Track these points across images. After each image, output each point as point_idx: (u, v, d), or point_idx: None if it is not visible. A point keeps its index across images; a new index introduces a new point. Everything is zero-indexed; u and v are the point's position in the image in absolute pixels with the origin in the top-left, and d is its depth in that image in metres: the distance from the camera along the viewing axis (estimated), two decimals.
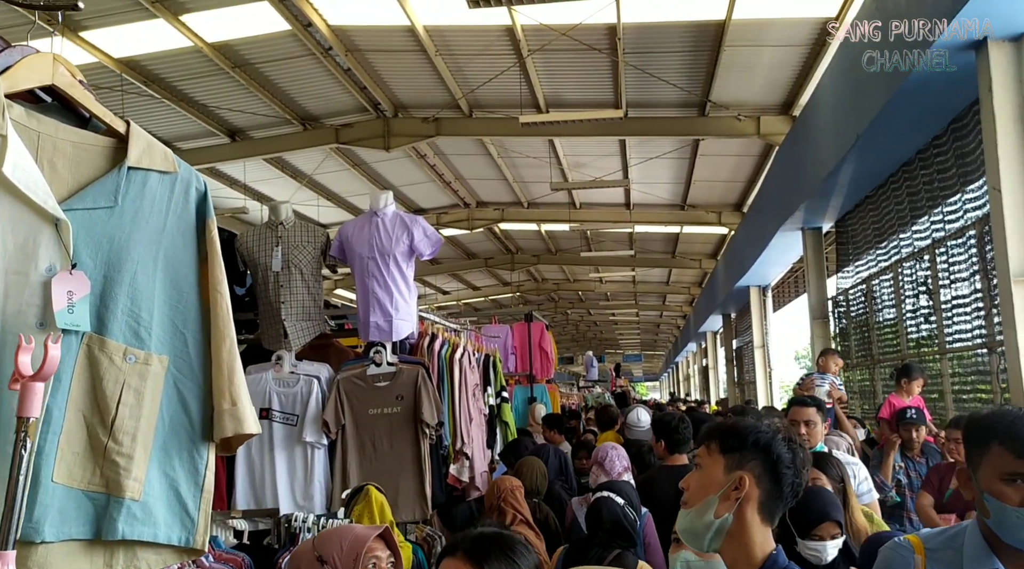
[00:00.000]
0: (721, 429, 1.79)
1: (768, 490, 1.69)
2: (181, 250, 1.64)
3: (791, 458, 1.71)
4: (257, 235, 4.46)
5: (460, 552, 1.64)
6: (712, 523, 1.68)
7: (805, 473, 1.74)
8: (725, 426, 1.79)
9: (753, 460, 1.70)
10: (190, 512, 1.60)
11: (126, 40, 8.87)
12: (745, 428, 1.76)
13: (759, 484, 1.69)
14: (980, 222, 5.64)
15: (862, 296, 8.91)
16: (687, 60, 9.34)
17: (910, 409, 5.21)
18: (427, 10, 8.51)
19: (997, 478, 1.72)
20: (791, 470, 1.71)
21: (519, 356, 9.24)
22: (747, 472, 1.69)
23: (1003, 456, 1.72)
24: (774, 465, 1.70)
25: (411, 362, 4.44)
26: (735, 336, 18.62)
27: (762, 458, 1.70)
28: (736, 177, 13.61)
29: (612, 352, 44.24)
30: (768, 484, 1.69)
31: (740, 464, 1.71)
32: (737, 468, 1.70)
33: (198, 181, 1.70)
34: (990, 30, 4.60)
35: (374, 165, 13.69)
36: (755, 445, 1.71)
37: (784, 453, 1.71)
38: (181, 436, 1.61)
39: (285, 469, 4.24)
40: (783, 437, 1.74)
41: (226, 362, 1.63)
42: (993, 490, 1.72)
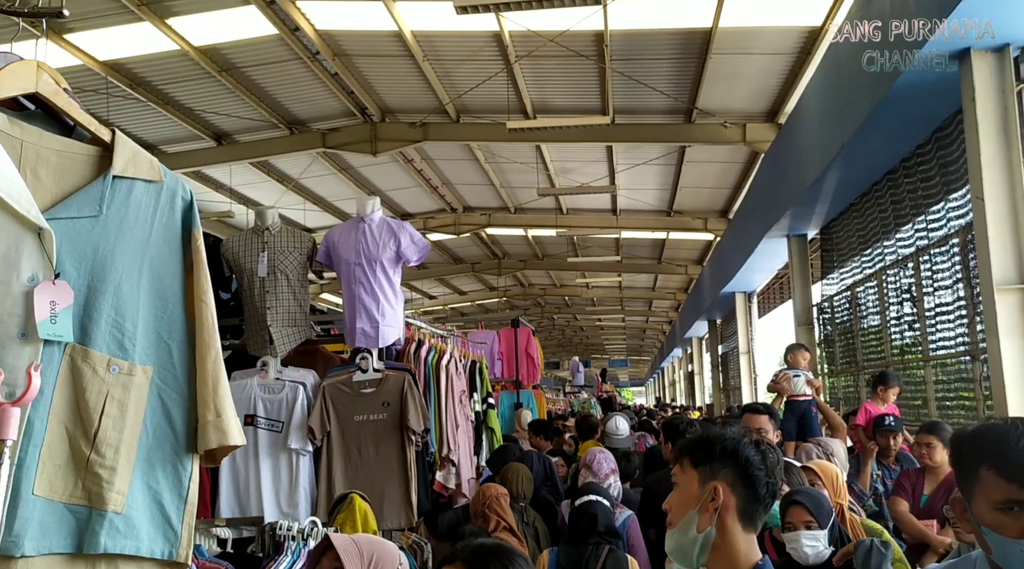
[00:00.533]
0: (690, 444, 1.81)
1: (744, 495, 1.70)
2: (166, 260, 1.63)
3: (760, 459, 1.73)
4: (243, 240, 4.43)
5: (459, 561, 1.64)
6: (696, 538, 1.68)
7: (778, 472, 1.76)
8: (693, 440, 1.81)
9: (724, 468, 1.72)
10: (173, 525, 1.58)
11: (111, 43, 8.82)
12: (711, 438, 1.77)
13: (734, 491, 1.70)
14: (963, 230, 5.69)
15: (847, 303, 8.97)
16: (674, 67, 9.38)
17: (888, 416, 5.18)
18: (415, 15, 8.51)
19: (991, 507, 1.53)
20: (763, 471, 1.72)
21: (505, 362, 9.23)
22: (720, 481, 1.71)
23: (994, 482, 1.52)
24: (745, 469, 1.71)
25: (397, 368, 4.42)
26: (721, 342, 18.69)
27: (732, 465, 1.72)
28: (722, 184, 13.68)
29: (598, 357, 44.30)
30: (743, 489, 1.70)
31: (712, 475, 1.72)
32: (710, 479, 1.72)
33: (184, 190, 1.68)
34: (973, 41, 4.65)
35: (361, 169, 13.66)
36: (723, 453, 1.73)
37: (753, 455, 1.73)
38: (165, 448, 1.59)
39: (270, 476, 4.21)
40: (749, 440, 1.76)
41: (211, 373, 1.61)
42: (989, 521, 1.53)
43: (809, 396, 6.00)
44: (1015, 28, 4.54)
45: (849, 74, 6.35)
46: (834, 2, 7.44)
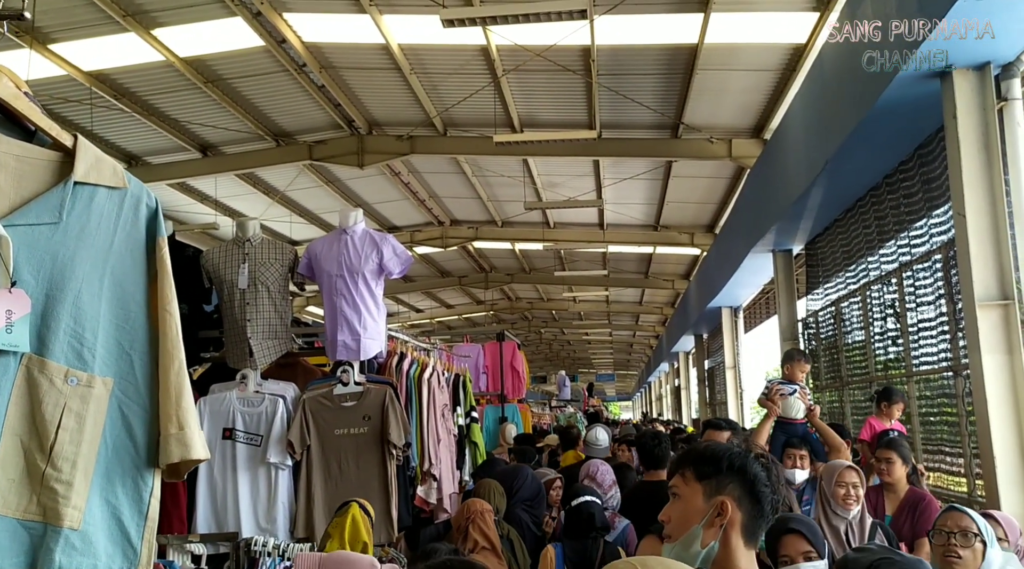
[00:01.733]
0: (694, 456, 1.76)
1: (749, 511, 1.67)
2: (129, 268, 1.59)
3: (767, 476, 1.71)
4: (223, 252, 4.40)
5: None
6: (699, 553, 1.65)
7: (781, 489, 1.73)
8: (698, 452, 1.77)
9: (731, 483, 1.69)
10: (133, 542, 1.53)
11: (96, 53, 8.78)
12: (718, 452, 1.74)
13: (740, 507, 1.67)
14: (946, 247, 5.72)
15: (831, 318, 8.99)
16: (660, 83, 9.43)
17: (891, 431, 5.10)
18: (402, 29, 8.52)
19: None
20: (768, 488, 1.70)
21: (491, 375, 9.19)
22: (727, 496, 1.67)
23: None
24: (752, 485, 1.68)
25: (379, 382, 4.39)
26: (707, 356, 18.71)
27: (739, 480, 1.69)
28: (708, 199, 13.73)
29: (585, 371, 44.26)
30: (748, 505, 1.68)
31: (719, 489, 1.69)
32: (716, 493, 1.68)
33: (149, 197, 1.65)
34: (954, 59, 4.68)
35: (348, 182, 13.64)
36: (731, 468, 1.70)
37: (760, 472, 1.70)
38: (125, 462, 1.54)
39: (248, 491, 4.16)
40: (755, 455, 1.74)
41: (174, 385, 1.57)
42: None
43: (802, 421, 5.22)
44: (996, 47, 4.57)
45: (833, 91, 6.39)
46: (818, 19, 7.50)
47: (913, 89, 5.07)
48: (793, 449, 4.51)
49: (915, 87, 5.04)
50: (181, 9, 8.04)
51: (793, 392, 5.16)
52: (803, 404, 5.16)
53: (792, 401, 5.13)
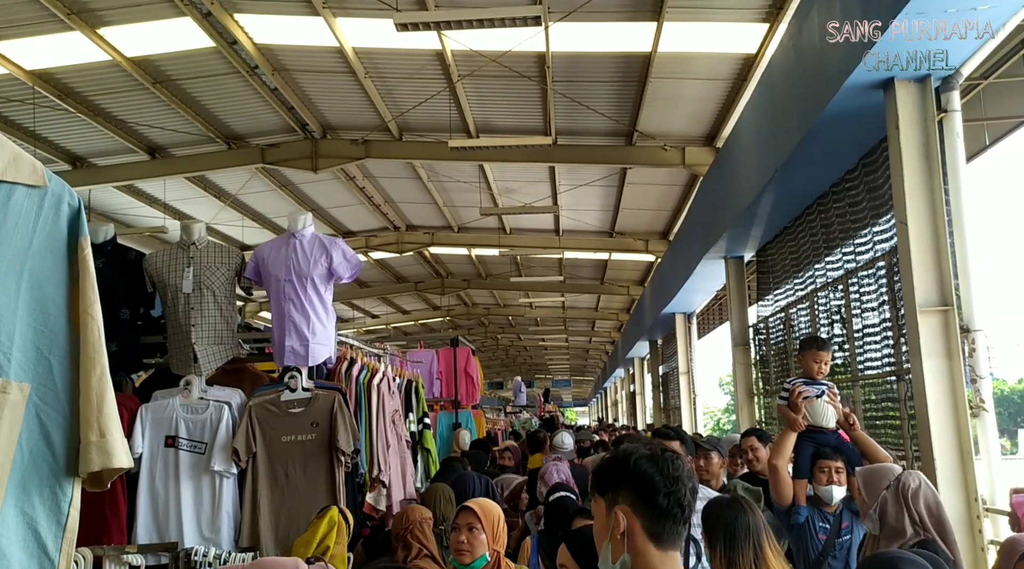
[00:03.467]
0: (595, 473, 1.76)
1: (646, 513, 1.63)
2: (49, 269, 1.53)
3: (656, 470, 1.65)
4: (167, 255, 4.30)
5: None
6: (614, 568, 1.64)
7: (682, 482, 1.66)
8: (597, 468, 1.76)
9: (623, 490, 1.66)
10: (49, 554, 1.47)
11: (40, 52, 8.55)
12: (607, 464, 1.73)
13: (636, 512, 1.64)
14: (889, 254, 5.85)
15: (781, 324, 9.14)
16: (615, 90, 9.51)
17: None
18: (356, 32, 8.45)
19: None
20: (660, 482, 1.64)
21: (444, 381, 9.14)
22: (620, 506, 1.65)
23: None
24: (641, 486, 1.65)
25: (327, 387, 4.33)
26: (662, 362, 18.89)
27: (629, 485, 1.66)
28: (662, 206, 13.89)
29: (542, 377, 44.38)
30: (644, 507, 1.64)
31: (614, 501, 1.67)
32: (612, 505, 1.67)
33: (71, 196, 1.59)
34: (897, 71, 4.80)
35: (302, 186, 13.47)
36: (619, 475, 1.68)
37: (647, 468, 1.66)
38: (43, 471, 1.48)
39: (191, 500, 4.06)
40: (642, 455, 1.69)
41: (95, 390, 1.51)
42: None
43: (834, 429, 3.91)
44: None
45: (782, 101, 6.51)
46: (768, 30, 7.64)
47: (858, 100, 5.18)
48: (826, 460, 3.72)
49: (860, 98, 5.15)
50: (128, 8, 7.87)
51: (821, 394, 3.90)
52: (834, 409, 3.89)
53: (820, 405, 3.88)
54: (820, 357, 3.97)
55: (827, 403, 3.88)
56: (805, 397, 3.86)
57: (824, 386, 3.92)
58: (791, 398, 3.87)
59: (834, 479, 3.70)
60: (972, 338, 4.78)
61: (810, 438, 3.83)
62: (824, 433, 3.85)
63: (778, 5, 7.27)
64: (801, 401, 3.84)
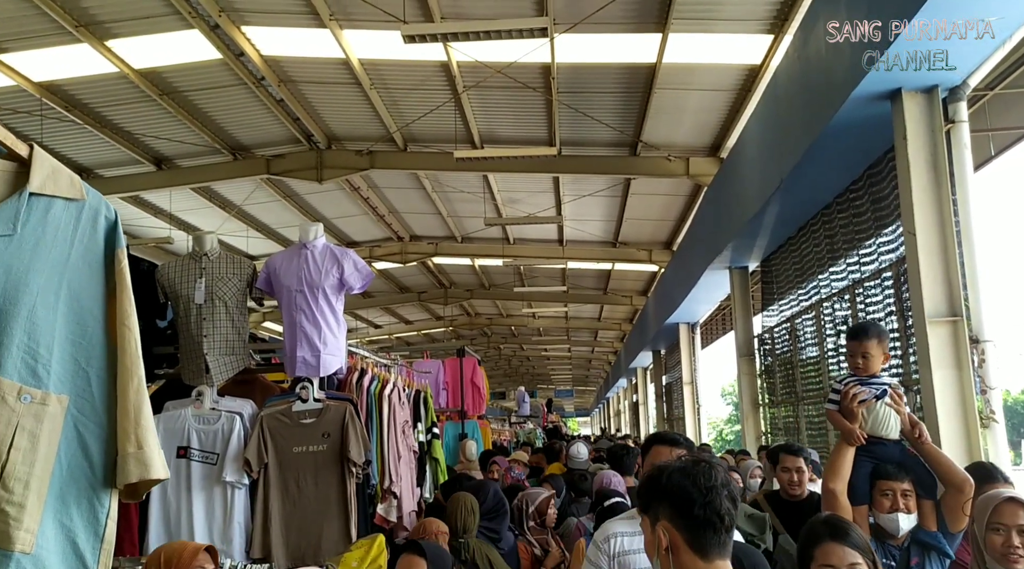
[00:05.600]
0: (638, 491, 1.83)
1: (685, 526, 1.67)
2: (87, 282, 1.54)
3: (690, 482, 1.69)
4: (180, 266, 4.31)
5: None
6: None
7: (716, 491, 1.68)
8: (639, 487, 1.83)
9: (661, 506, 1.71)
10: (88, 565, 1.47)
11: (48, 64, 8.59)
12: (648, 482, 1.78)
13: (676, 526, 1.68)
14: (896, 265, 5.86)
15: (786, 334, 9.14)
16: (619, 101, 9.55)
17: None
18: (362, 44, 8.50)
19: None
20: (695, 492, 1.67)
21: (451, 392, 9.14)
22: (662, 523, 1.69)
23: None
24: (676, 500, 1.68)
25: (338, 398, 4.33)
26: (665, 372, 18.87)
27: (666, 500, 1.70)
28: (666, 216, 13.91)
29: (544, 387, 44.31)
30: (682, 520, 1.67)
31: (656, 518, 1.72)
32: (655, 522, 1.72)
33: (108, 209, 1.61)
34: (904, 82, 4.83)
35: (306, 197, 13.51)
36: (658, 492, 1.72)
37: (682, 481, 1.69)
38: (80, 483, 1.49)
39: (203, 511, 4.06)
40: (675, 469, 1.73)
41: (132, 402, 1.52)
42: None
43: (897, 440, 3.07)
44: (944, 71, 4.72)
45: (787, 111, 6.54)
46: (773, 41, 7.67)
47: (864, 110, 5.21)
48: (889, 481, 2.95)
49: (866, 108, 5.18)
50: (136, 20, 7.92)
51: (883, 394, 3.04)
52: (897, 415, 3.04)
53: (880, 410, 3.03)
54: (856, 348, 3.11)
55: (888, 408, 3.02)
56: (861, 400, 3.00)
57: (886, 386, 3.06)
58: (844, 402, 3.02)
59: (900, 504, 2.92)
60: (982, 348, 4.78)
61: (867, 452, 3.01)
62: (884, 445, 3.04)
63: (783, 16, 7.31)
64: (857, 406, 2.99)
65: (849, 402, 3.01)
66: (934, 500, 2.98)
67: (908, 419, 3.04)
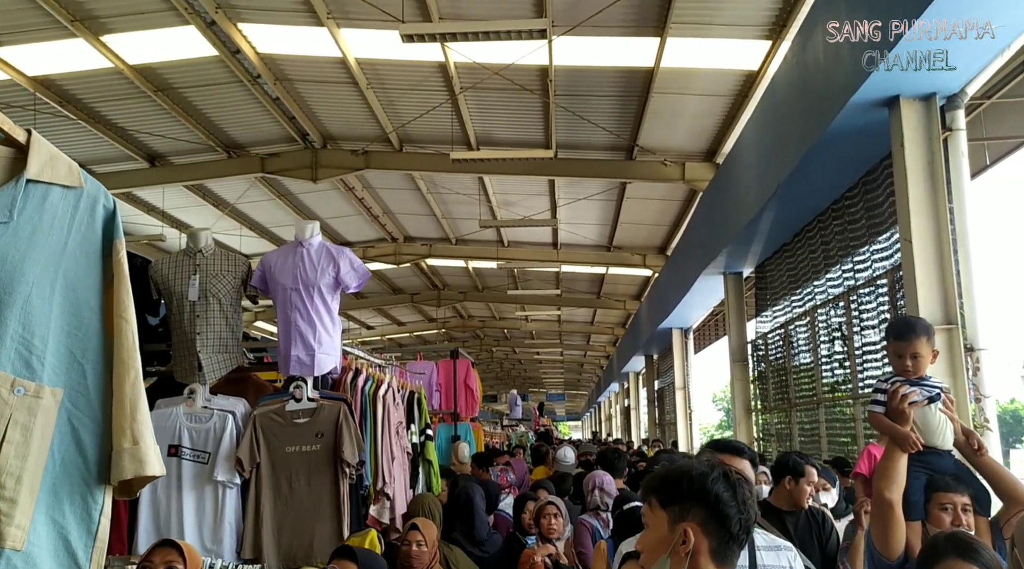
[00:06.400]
0: (657, 481, 1.72)
1: (717, 535, 1.63)
2: (84, 272, 1.50)
3: (731, 495, 1.65)
4: (173, 262, 4.27)
5: None
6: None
7: (751, 507, 1.67)
8: (660, 478, 1.72)
9: (694, 508, 1.64)
10: (80, 563, 1.44)
11: (42, 58, 8.53)
12: (679, 476, 1.69)
13: (705, 531, 1.62)
14: (891, 272, 5.87)
15: (780, 340, 9.15)
16: (616, 105, 9.55)
17: None
18: (360, 43, 8.47)
19: None
20: (734, 507, 1.64)
21: (444, 393, 9.10)
22: (690, 523, 1.63)
23: None
24: (716, 507, 1.63)
25: (333, 398, 4.29)
26: (657, 377, 18.87)
27: (702, 504, 1.64)
28: (661, 221, 13.92)
29: (536, 391, 44.30)
30: (715, 528, 1.63)
31: (682, 516, 1.65)
32: (679, 520, 1.64)
33: (106, 198, 1.57)
34: (902, 89, 4.83)
35: (300, 196, 13.46)
36: (691, 491, 1.65)
37: (723, 491, 1.65)
38: (74, 478, 1.45)
39: (193, 510, 4.01)
40: (718, 474, 1.68)
41: (129, 396, 1.49)
42: None
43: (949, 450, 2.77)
44: (941, 78, 4.73)
45: (784, 117, 6.54)
46: (771, 47, 7.68)
47: (862, 118, 5.21)
48: (948, 493, 2.68)
49: (863, 116, 5.18)
50: (132, 16, 7.87)
51: (936, 397, 2.71)
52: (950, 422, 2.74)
53: (934, 416, 2.71)
54: (903, 348, 2.74)
55: (941, 413, 2.72)
56: (912, 403, 2.67)
57: (938, 388, 2.73)
58: (893, 403, 2.67)
59: (961, 520, 2.64)
60: (976, 357, 4.79)
61: (920, 462, 2.70)
62: (939, 454, 2.73)
63: (781, 23, 7.32)
64: (908, 406, 2.65)
65: (899, 403, 2.65)
66: (988, 517, 2.74)
67: (961, 428, 2.77)
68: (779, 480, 3.80)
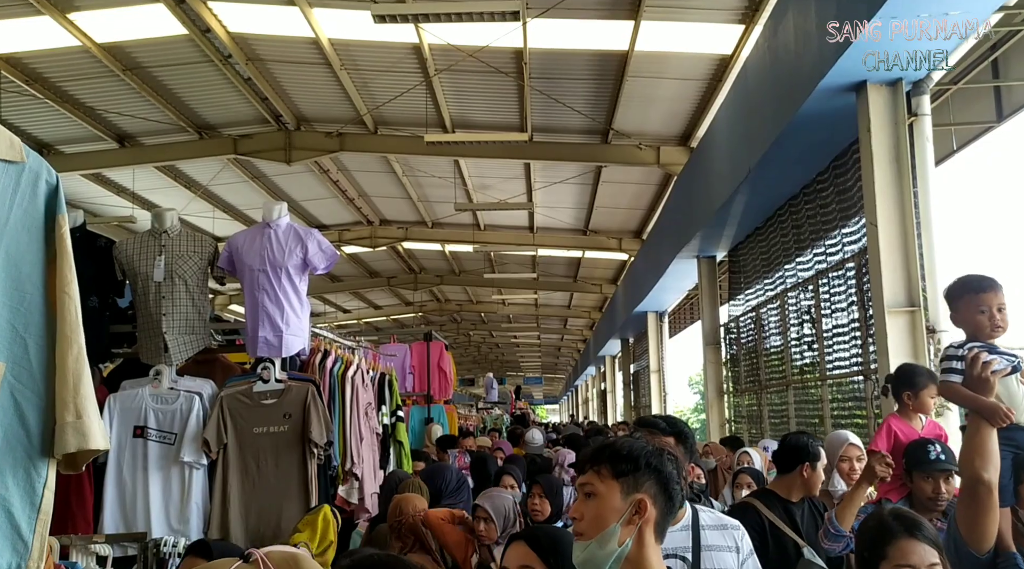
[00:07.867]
0: (610, 453, 1.75)
1: (663, 509, 1.71)
2: (25, 247, 1.49)
3: (676, 473, 1.75)
4: (138, 243, 4.24)
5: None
6: (614, 552, 1.66)
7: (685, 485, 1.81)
8: (615, 449, 1.76)
9: (648, 481, 1.71)
10: (23, 535, 1.44)
11: (7, 36, 8.36)
12: (637, 450, 1.74)
13: (655, 504, 1.70)
14: (858, 256, 5.95)
15: (752, 323, 9.25)
16: (591, 88, 9.54)
17: (933, 444, 3.07)
18: (332, 23, 8.38)
19: None
20: (678, 485, 1.75)
21: (417, 375, 9.12)
22: (644, 494, 1.69)
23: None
24: (667, 483, 1.72)
25: (301, 379, 4.29)
26: (633, 360, 19.02)
27: (655, 478, 1.71)
28: (636, 205, 13.96)
29: (513, 375, 44.42)
30: (663, 503, 1.71)
31: (636, 487, 1.70)
32: (634, 491, 1.69)
33: (49, 173, 1.56)
34: (869, 74, 4.88)
35: (274, 178, 13.34)
36: (648, 466, 1.72)
37: (671, 470, 1.74)
38: (17, 452, 1.45)
39: (159, 490, 4.02)
40: (663, 450, 1.79)
41: (72, 370, 1.49)
42: None
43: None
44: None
45: (756, 102, 6.59)
46: (744, 31, 7.71)
47: (830, 103, 5.26)
48: None
49: (832, 100, 5.23)
50: None
51: (1018, 367, 2.44)
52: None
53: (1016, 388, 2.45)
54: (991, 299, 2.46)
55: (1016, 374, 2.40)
56: (993, 371, 2.33)
57: (1016, 358, 2.43)
58: (975, 371, 2.33)
59: None
60: (938, 338, 4.87)
61: (1006, 440, 2.37)
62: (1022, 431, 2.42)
63: (754, 7, 7.34)
64: (993, 376, 2.32)
65: (982, 370, 2.32)
66: None
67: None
68: (792, 466, 3.28)
